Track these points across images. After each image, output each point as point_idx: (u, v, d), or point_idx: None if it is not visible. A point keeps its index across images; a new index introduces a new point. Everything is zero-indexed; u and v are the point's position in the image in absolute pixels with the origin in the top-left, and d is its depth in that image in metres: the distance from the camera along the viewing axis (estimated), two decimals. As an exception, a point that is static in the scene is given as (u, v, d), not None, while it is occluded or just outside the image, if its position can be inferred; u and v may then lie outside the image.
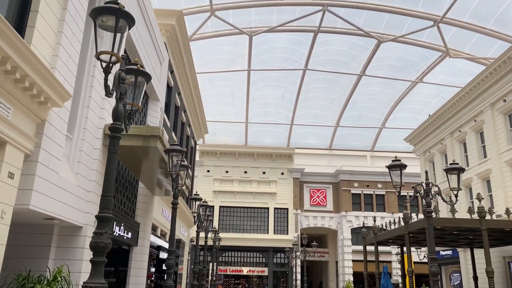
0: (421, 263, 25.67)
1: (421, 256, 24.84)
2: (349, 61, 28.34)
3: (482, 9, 21.12)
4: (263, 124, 34.99)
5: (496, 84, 20.11)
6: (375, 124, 34.78)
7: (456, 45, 24.15)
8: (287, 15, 24.27)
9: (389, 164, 10.09)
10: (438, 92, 29.69)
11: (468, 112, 22.77)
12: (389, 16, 23.00)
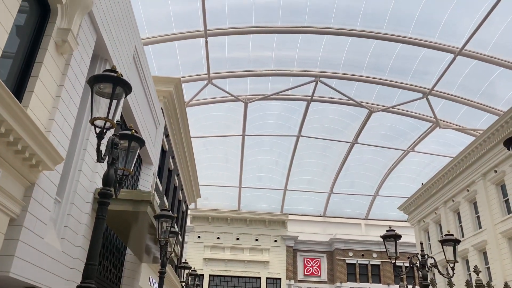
0: None
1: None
2: (341, 129, 28.93)
3: (469, 83, 22.02)
4: (257, 189, 34.82)
5: (487, 155, 20.45)
6: (368, 192, 34.73)
7: (445, 116, 24.84)
8: (281, 84, 25.12)
9: (383, 234, 9.91)
10: (430, 161, 30.04)
11: (460, 182, 22.90)
12: (380, 87, 23.87)
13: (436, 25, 19.22)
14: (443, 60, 20.71)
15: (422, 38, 19.83)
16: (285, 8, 19.86)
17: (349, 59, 22.68)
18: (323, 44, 21.79)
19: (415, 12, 18.85)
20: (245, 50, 22.56)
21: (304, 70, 23.79)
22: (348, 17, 19.88)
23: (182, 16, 19.62)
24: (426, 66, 21.80)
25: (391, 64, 22.29)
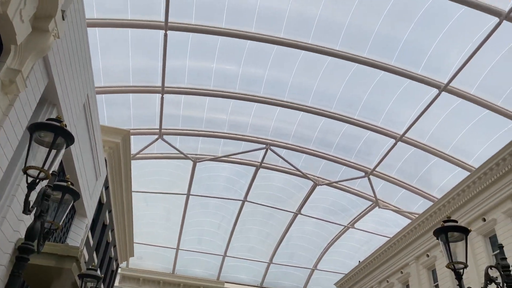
0: None
1: None
2: (286, 198, 29.21)
3: (407, 168, 23.36)
4: (195, 253, 33.59)
5: (420, 238, 21.28)
6: (307, 265, 34.52)
7: (385, 197, 25.90)
8: (232, 148, 25.38)
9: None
10: (368, 239, 30.70)
11: (395, 263, 23.43)
12: (326, 162, 24.72)
13: (381, 112, 20.62)
14: (385, 144, 22.01)
15: (368, 121, 21.12)
16: (244, 77, 20.64)
17: (299, 132, 23.54)
18: (276, 114, 22.58)
19: (363, 97, 20.21)
20: (200, 111, 22.86)
21: (256, 136, 24.31)
22: (301, 93, 20.92)
23: (141, 70, 19.78)
24: (370, 147, 23.02)
25: (338, 141, 23.34)
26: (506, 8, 14.39)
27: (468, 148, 20.52)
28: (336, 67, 19.03)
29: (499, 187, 16.46)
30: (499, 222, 16.52)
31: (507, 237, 15.89)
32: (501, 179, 16.39)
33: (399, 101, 19.77)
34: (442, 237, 5.73)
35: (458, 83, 17.60)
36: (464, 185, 17.99)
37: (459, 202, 18.46)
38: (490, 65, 16.66)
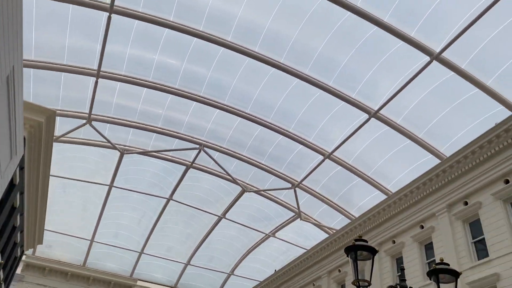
0: None
1: None
2: (213, 201, 29.10)
3: (331, 185, 24.35)
4: (110, 247, 32.24)
5: (335, 254, 22.22)
6: (225, 269, 34.54)
7: (307, 210, 26.75)
8: (164, 144, 24.84)
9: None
10: (287, 249, 31.44)
11: (309, 275, 24.22)
12: (256, 169, 25.02)
13: (314, 128, 21.33)
14: (314, 159, 22.76)
15: (301, 135, 21.74)
16: (186, 74, 20.36)
17: (234, 137, 23.64)
18: (214, 116, 22.50)
19: (299, 112, 20.79)
20: (135, 101, 22.15)
21: (191, 136, 24.02)
22: (241, 99, 21.06)
23: (78, 50, 18.76)
24: (300, 160, 23.70)
25: (271, 151, 23.76)
26: (437, 49, 15.62)
27: (388, 173, 21.85)
28: (278, 79, 19.42)
29: (411, 213, 17.70)
30: (407, 245, 17.73)
31: (412, 260, 17.11)
32: (413, 205, 17.64)
33: (332, 121, 20.61)
34: (352, 255, 6.02)
35: (387, 112, 18.74)
36: (380, 207, 19.11)
37: (374, 223, 19.56)
38: (417, 99, 17.94)
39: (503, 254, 13.44)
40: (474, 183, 15.10)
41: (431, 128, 18.63)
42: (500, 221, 13.94)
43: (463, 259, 14.86)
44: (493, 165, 14.49)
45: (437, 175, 16.42)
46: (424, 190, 17.02)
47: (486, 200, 14.65)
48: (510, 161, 13.98)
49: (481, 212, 14.79)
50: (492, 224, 14.19)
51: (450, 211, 15.99)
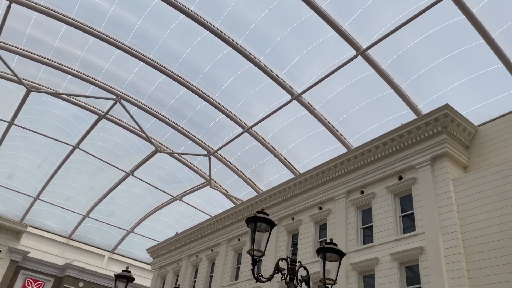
0: None
1: None
2: (122, 156, 28.14)
3: (245, 158, 24.83)
4: (2, 188, 29.89)
5: (237, 223, 22.90)
6: (125, 226, 33.93)
7: (218, 179, 27.08)
8: (78, 88, 23.28)
9: (117, 273, 9.70)
10: (192, 214, 31.70)
11: (208, 241, 24.72)
12: (174, 131, 24.57)
13: (238, 100, 21.42)
14: (233, 130, 22.96)
15: (224, 105, 21.72)
16: (113, 17, 19.08)
17: (156, 94, 22.88)
18: (137, 68, 21.49)
19: (226, 81, 20.68)
20: (52, 36, 20.34)
21: (109, 85, 22.77)
22: (169, 56, 20.34)
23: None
24: (219, 129, 23.74)
25: (191, 116, 23.44)
26: (364, 45, 16.40)
27: (299, 154, 22.85)
28: (210, 44, 19.03)
29: (313, 194, 18.77)
30: (304, 223, 18.86)
31: (306, 237, 18.28)
32: (316, 187, 18.71)
33: (256, 96, 20.84)
34: (252, 225, 6.24)
35: (308, 96, 19.41)
36: (286, 185, 19.98)
37: (278, 199, 20.44)
38: (337, 90, 18.81)
39: (385, 242, 14.91)
40: (372, 175, 16.40)
41: (345, 118, 19.73)
42: (388, 212, 15.38)
43: (351, 242, 16.21)
44: (392, 161, 15.83)
45: (341, 163, 17.53)
46: (328, 175, 18.11)
47: (380, 192, 16.03)
48: (406, 160, 15.37)
49: (373, 202, 16.17)
50: (381, 214, 15.62)
51: (347, 197, 17.25)
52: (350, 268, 15.61)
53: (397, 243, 14.51)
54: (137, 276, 24.41)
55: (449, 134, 14.47)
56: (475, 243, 12.50)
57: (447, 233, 13.17)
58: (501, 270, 11.58)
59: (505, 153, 13.74)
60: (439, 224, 13.45)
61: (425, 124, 14.82)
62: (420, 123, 14.93)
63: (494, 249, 11.98)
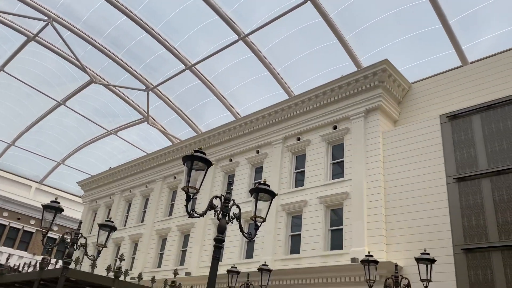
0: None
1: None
2: (54, 84, 26.40)
3: (186, 96, 24.33)
4: None
5: (173, 162, 22.87)
6: (55, 157, 32.60)
7: (156, 116, 26.47)
8: (3, 4, 20.97)
9: (45, 204, 9.42)
10: (127, 149, 31.06)
11: (143, 177, 24.57)
12: (111, 62, 23.28)
13: (182, 35, 20.55)
14: (175, 66, 22.20)
15: (167, 38, 20.76)
16: None
17: (92, 20, 21.26)
18: (72, -11, 19.70)
19: (171, 13, 19.64)
20: None
21: (40, 4, 20.73)
22: (109, -21, 18.78)
23: None
24: (160, 64, 22.84)
25: (131, 47, 22.22)
26: (314, -8, 16.17)
27: (241, 98, 22.81)
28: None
29: (251, 138, 19.08)
30: (241, 165, 19.28)
31: (242, 179, 18.79)
32: (255, 132, 19.00)
33: (202, 32, 20.09)
34: (188, 164, 6.24)
35: (255, 38, 19.08)
36: (226, 127, 20.06)
37: (217, 141, 20.56)
38: (284, 35, 18.63)
39: (313, 186, 15.74)
40: (309, 123, 16.91)
41: (289, 65, 19.78)
42: (320, 159, 16.12)
43: (283, 185, 16.93)
44: (328, 111, 16.36)
45: (282, 109, 17.82)
46: (268, 120, 18.39)
47: (315, 140, 16.66)
48: (342, 111, 15.94)
49: (308, 149, 16.82)
50: (314, 160, 16.34)
51: (284, 143, 17.76)
52: (281, 208, 16.41)
53: (326, 188, 15.39)
54: (67, 208, 23.92)
55: (385, 89, 15.12)
56: (395, 192, 13.59)
57: (371, 181, 14.14)
58: (415, 216, 12.79)
59: (433, 110, 14.70)
60: (365, 172, 14.37)
61: (364, 77, 15.31)
62: (359, 76, 15.39)
63: (413, 197, 13.12)
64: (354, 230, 13.68)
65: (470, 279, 11.00)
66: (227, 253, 17.34)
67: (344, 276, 13.07)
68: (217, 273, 6.21)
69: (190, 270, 18.31)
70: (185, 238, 20.29)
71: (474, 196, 11.86)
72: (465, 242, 11.49)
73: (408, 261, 11.96)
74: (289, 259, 15.22)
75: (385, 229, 13.24)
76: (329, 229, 14.87)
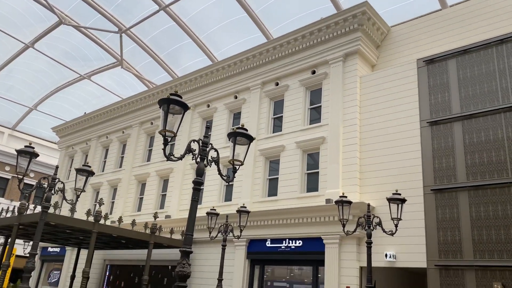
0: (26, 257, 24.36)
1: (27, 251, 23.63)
2: (21, 26, 24.99)
3: (161, 39, 23.52)
4: None
5: (150, 107, 22.54)
6: (27, 103, 31.63)
7: (131, 59, 25.64)
8: None
9: (19, 149, 9.26)
10: (101, 94, 30.31)
11: (120, 123, 24.25)
12: (80, 2, 22.04)
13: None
14: (149, 7, 21.23)
15: (139, -24, 19.66)
16: None
17: (57, -46, 19.84)
18: None
19: None
20: None
21: None
22: None
23: None
24: (133, 5, 21.80)
25: (101, -15, 21.02)
26: None
27: (219, 41, 22.21)
28: None
29: (229, 83, 18.82)
30: (219, 111, 19.16)
31: (220, 124, 18.76)
32: (233, 76, 18.71)
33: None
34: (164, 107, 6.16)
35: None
36: (203, 72, 19.66)
37: (194, 86, 20.21)
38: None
39: (291, 131, 15.89)
40: (288, 68, 16.72)
41: (268, 6, 19.17)
42: (298, 104, 16.14)
43: (261, 130, 17.02)
44: (307, 55, 16.15)
45: (260, 53, 17.49)
46: (246, 65, 18.09)
47: (293, 85, 16.58)
48: (320, 55, 15.77)
49: (286, 94, 16.77)
50: (292, 106, 16.37)
51: (262, 88, 17.62)
52: (259, 153, 16.62)
53: (303, 133, 15.57)
54: (43, 154, 23.61)
55: (364, 32, 14.94)
56: (371, 136, 13.88)
57: (347, 125, 14.36)
58: (388, 159, 13.19)
59: (411, 54, 14.70)
60: (342, 117, 14.54)
61: (343, 20, 15.03)
62: (339, 18, 15.10)
63: (387, 141, 13.45)
64: (329, 173, 14.06)
65: (438, 217, 11.64)
66: (206, 197, 17.68)
67: (319, 216, 13.60)
68: (196, 214, 6.35)
69: (170, 213, 18.68)
70: (164, 182, 20.48)
71: (446, 139, 12.25)
72: (435, 183, 12.01)
73: (380, 201, 12.49)
74: (266, 201, 15.66)
75: (359, 172, 13.65)
76: (305, 173, 15.23)
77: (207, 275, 16.04)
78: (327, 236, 13.33)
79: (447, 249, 11.23)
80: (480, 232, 10.86)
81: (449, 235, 11.30)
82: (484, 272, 10.50)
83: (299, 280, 14.47)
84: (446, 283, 10.99)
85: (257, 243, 15.32)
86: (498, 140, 11.36)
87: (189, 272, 5.97)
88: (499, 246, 10.49)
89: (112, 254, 20.54)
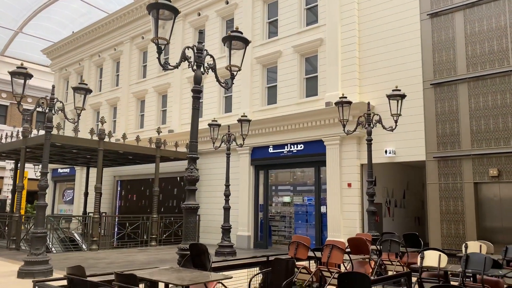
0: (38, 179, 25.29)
1: (38, 173, 24.41)
2: None
3: None
4: None
5: (138, 20, 21.66)
6: (11, 26, 30.34)
7: (112, -30, 24.04)
8: None
9: (12, 70, 9.07)
10: (87, 12, 28.96)
11: (110, 40, 23.50)
12: None
13: None
14: None
15: None
16: None
17: None
18: None
19: None
20: None
21: None
22: None
23: None
24: None
25: None
26: None
27: None
28: None
29: (219, -12, 17.79)
30: (211, 19, 18.38)
31: (213, 33, 18.13)
32: (223, -20, 17.63)
33: None
34: (154, 13, 5.87)
35: None
36: (191, -23, 18.49)
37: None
38: None
39: (288, 35, 15.38)
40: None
41: None
42: (294, 5, 15.39)
43: (256, 36, 16.46)
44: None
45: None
46: (236, -34, 16.95)
47: (287, -16, 15.63)
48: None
49: (280, -5, 15.91)
50: (287, 7, 15.63)
51: (254, -9, 16.71)
52: (255, 62, 16.29)
53: (300, 36, 15.09)
54: (36, 78, 23.25)
55: None
56: (369, 33, 13.45)
57: (346, 24, 13.85)
58: (388, 56, 12.94)
59: None
60: (339, 16, 13.97)
61: None
62: None
63: (387, 37, 13.07)
64: (328, 76, 13.90)
65: (437, 111, 11.74)
66: (206, 109, 17.73)
67: (319, 120, 13.75)
68: (198, 122, 6.40)
69: (172, 128, 18.89)
70: (163, 98, 20.42)
71: (446, 31, 11.88)
72: (434, 77, 11.92)
73: (380, 100, 12.51)
74: (266, 110, 15.72)
75: (358, 72, 13.49)
76: (304, 78, 15.07)
77: (215, 183, 16.71)
78: (327, 137, 13.60)
79: (445, 141, 11.51)
80: (479, 122, 11.04)
81: (447, 127, 11.51)
82: (480, 160, 10.88)
83: (301, 183, 15.10)
84: (444, 173, 11.45)
85: (260, 150, 15.71)
86: (500, 28, 11.03)
87: (198, 176, 6.19)
88: (497, 134, 10.73)
89: (121, 170, 21.21)
